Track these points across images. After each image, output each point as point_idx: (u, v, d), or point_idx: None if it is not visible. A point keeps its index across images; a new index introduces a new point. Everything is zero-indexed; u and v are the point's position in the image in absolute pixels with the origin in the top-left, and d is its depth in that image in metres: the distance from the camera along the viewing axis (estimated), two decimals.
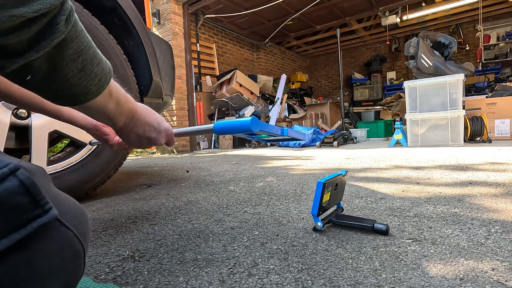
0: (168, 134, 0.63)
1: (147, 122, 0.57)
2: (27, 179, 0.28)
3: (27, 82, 0.33)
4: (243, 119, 0.55)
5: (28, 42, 0.30)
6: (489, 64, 6.59)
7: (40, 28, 0.30)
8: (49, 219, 0.29)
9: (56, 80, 0.35)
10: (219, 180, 1.77)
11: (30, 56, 0.30)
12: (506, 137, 3.51)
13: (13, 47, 0.29)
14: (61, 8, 0.31)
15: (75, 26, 0.34)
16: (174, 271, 0.63)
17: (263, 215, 1.00)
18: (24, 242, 0.28)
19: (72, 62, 0.34)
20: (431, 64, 4.09)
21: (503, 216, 0.84)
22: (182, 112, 4.68)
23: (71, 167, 1.28)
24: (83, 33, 0.35)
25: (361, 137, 4.92)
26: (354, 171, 1.81)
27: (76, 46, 0.34)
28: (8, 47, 0.29)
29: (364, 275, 0.57)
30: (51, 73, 0.34)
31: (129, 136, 0.56)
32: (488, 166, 1.68)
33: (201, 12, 5.36)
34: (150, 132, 0.58)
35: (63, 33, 0.32)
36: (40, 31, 0.30)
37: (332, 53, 9.05)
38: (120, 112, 0.49)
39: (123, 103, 0.49)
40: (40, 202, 0.29)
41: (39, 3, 0.28)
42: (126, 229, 0.93)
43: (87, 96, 0.39)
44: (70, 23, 0.33)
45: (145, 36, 1.47)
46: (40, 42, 0.30)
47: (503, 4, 6.01)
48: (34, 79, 0.33)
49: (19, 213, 0.27)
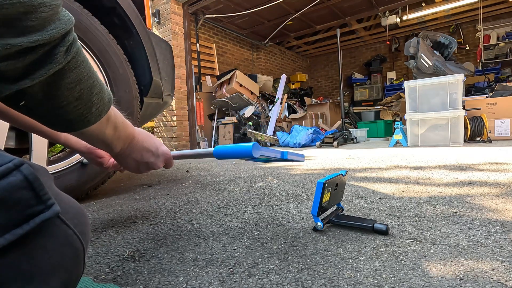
0: (166, 158, 0.62)
1: (145, 147, 0.56)
2: (31, 174, 0.29)
3: (21, 107, 0.33)
4: (245, 144, 0.55)
5: (23, 70, 0.30)
6: (489, 64, 6.59)
7: (37, 57, 0.30)
8: (51, 215, 0.30)
9: (51, 107, 0.35)
10: (219, 180, 1.77)
11: (24, 84, 0.31)
12: (506, 137, 3.51)
13: (7, 74, 0.29)
14: (62, 40, 0.32)
15: (76, 56, 0.34)
16: (174, 271, 0.63)
17: (263, 215, 1.00)
18: (26, 238, 0.28)
19: (68, 91, 0.35)
20: (431, 64, 4.09)
21: (503, 216, 0.84)
22: (182, 112, 4.68)
23: (71, 167, 1.28)
24: (84, 63, 0.36)
25: (361, 137, 4.92)
26: (354, 171, 1.81)
27: (74, 76, 0.35)
28: (4, 74, 0.29)
29: (364, 275, 0.57)
30: (46, 100, 0.34)
31: (127, 161, 0.56)
32: (488, 166, 1.68)
33: (201, 12, 5.36)
34: (148, 157, 0.58)
35: (61, 63, 0.32)
36: (37, 60, 0.30)
37: (332, 53, 9.05)
38: (117, 137, 0.48)
39: (121, 129, 0.48)
40: (43, 197, 0.29)
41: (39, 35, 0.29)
42: (126, 229, 0.93)
43: (82, 123, 0.39)
44: (69, 54, 0.33)
45: (145, 36, 1.47)
46: (36, 71, 0.31)
47: (503, 4, 6.01)
48: (29, 105, 0.33)
49: (22, 208, 0.28)
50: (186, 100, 4.74)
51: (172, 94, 1.86)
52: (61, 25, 0.31)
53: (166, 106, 1.90)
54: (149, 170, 0.60)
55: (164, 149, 0.61)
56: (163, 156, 0.61)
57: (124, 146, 0.52)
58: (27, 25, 0.28)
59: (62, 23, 0.32)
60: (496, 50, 6.41)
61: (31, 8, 0.28)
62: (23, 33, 0.28)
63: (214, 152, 0.59)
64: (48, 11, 0.30)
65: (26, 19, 0.28)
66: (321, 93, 9.40)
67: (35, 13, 0.28)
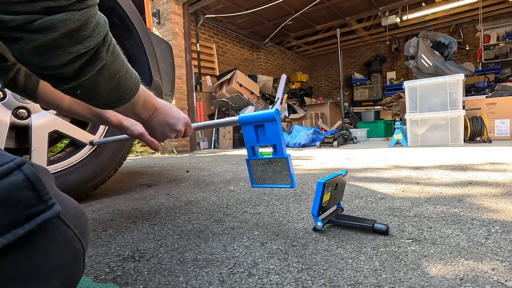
0: (186, 122, 0.70)
1: (166, 112, 0.65)
2: (32, 174, 0.29)
3: (77, 95, 0.43)
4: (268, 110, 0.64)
5: (78, 69, 0.38)
6: (489, 64, 6.59)
7: (88, 58, 0.38)
8: (52, 215, 0.30)
9: (98, 92, 0.44)
10: (219, 180, 1.77)
11: (79, 79, 0.39)
12: (506, 137, 3.51)
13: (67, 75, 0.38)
14: (104, 41, 0.40)
15: (113, 52, 0.42)
16: (174, 271, 0.63)
17: (263, 215, 1.00)
18: (26, 238, 0.28)
19: (110, 80, 0.44)
20: (431, 64, 4.09)
21: (503, 216, 0.84)
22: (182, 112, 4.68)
23: (71, 167, 1.28)
24: (119, 56, 0.44)
25: (361, 137, 4.92)
26: (354, 171, 1.81)
27: (113, 68, 0.43)
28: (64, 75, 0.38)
29: (364, 275, 0.57)
30: (95, 88, 0.43)
31: (154, 125, 0.65)
32: (488, 166, 1.68)
33: (201, 12, 5.36)
34: (170, 120, 0.66)
35: (104, 59, 0.40)
36: (87, 60, 0.39)
37: (332, 53, 9.05)
38: (145, 108, 0.58)
39: (148, 101, 0.58)
40: (44, 197, 0.29)
41: (89, 41, 0.37)
42: (126, 229, 0.93)
43: (120, 102, 0.49)
44: (109, 51, 0.41)
45: (145, 36, 1.47)
46: (87, 68, 0.39)
47: (503, 4, 6.01)
48: (83, 93, 0.43)
49: (23, 208, 0.28)
50: (186, 100, 4.73)
51: (172, 94, 1.86)
52: (102, 29, 0.39)
53: None
54: (172, 132, 0.68)
55: (183, 115, 0.70)
56: (183, 119, 0.69)
57: (150, 114, 0.61)
58: (82, 35, 0.36)
59: (102, 26, 0.39)
60: (496, 50, 6.41)
61: (84, 21, 0.35)
62: (78, 42, 0.36)
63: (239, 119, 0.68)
64: (93, 21, 0.37)
65: (81, 31, 0.36)
66: (321, 93, 9.40)
67: (87, 24, 0.36)
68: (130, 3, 1.40)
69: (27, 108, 1.18)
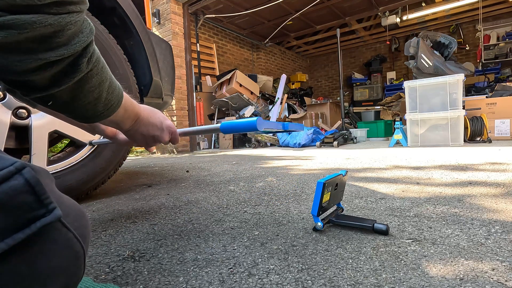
0: (171, 132, 0.66)
1: (150, 122, 0.61)
2: (32, 178, 0.28)
3: (49, 106, 0.39)
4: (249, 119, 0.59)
5: (51, 79, 0.35)
6: (489, 64, 6.59)
7: (62, 67, 0.35)
8: (52, 219, 0.29)
9: (74, 106, 0.41)
10: (219, 180, 1.77)
11: (52, 90, 0.36)
12: (506, 137, 3.51)
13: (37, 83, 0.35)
14: (84, 51, 0.36)
15: (96, 64, 0.39)
16: (174, 271, 0.63)
17: (263, 215, 1.00)
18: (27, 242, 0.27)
19: (89, 93, 0.40)
20: (431, 64, 4.09)
21: (503, 216, 0.84)
22: (182, 112, 4.68)
23: (71, 167, 1.28)
24: (103, 68, 0.41)
25: (361, 137, 4.92)
26: (354, 171, 1.81)
27: (95, 81, 0.40)
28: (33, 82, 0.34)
29: (364, 275, 0.57)
30: (70, 101, 0.40)
31: (135, 136, 0.61)
32: (488, 166, 1.68)
33: (201, 12, 5.36)
34: (154, 131, 0.62)
35: (83, 71, 0.37)
36: (62, 70, 0.35)
37: (332, 53, 9.05)
38: (127, 117, 0.54)
39: (130, 110, 0.54)
40: (45, 201, 0.29)
41: (64, 49, 0.34)
42: (126, 229, 0.93)
43: (98, 118, 0.46)
44: (91, 63, 0.38)
45: (145, 36, 1.47)
46: (62, 79, 0.36)
47: (503, 4, 6.01)
48: (55, 104, 0.39)
49: (23, 212, 0.27)
50: (186, 100, 4.73)
51: (172, 94, 1.86)
52: (83, 38, 0.36)
53: (166, 106, 1.90)
54: (156, 143, 0.65)
55: (168, 123, 0.65)
56: (167, 130, 0.65)
57: (132, 123, 0.57)
58: (56, 41, 0.33)
59: (84, 35, 0.36)
60: (496, 50, 6.41)
61: (60, 27, 0.32)
62: (51, 49, 0.32)
63: (220, 127, 0.63)
64: (73, 28, 0.34)
65: (55, 37, 0.32)
66: (321, 93, 9.40)
67: (62, 31, 0.33)
68: (130, 3, 1.40)
69: (27, 108, 1.18)
